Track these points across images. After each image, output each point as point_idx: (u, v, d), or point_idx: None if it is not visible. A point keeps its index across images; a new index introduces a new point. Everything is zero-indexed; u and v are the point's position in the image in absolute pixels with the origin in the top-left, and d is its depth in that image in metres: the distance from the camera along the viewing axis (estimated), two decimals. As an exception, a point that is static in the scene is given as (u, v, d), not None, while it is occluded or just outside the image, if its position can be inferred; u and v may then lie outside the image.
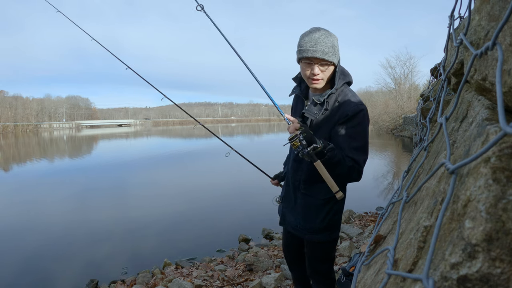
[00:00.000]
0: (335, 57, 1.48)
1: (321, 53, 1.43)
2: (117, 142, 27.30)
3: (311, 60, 1.46)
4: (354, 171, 1.46)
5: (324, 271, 1.75)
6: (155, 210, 6.23)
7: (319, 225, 1.61)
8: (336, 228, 1.67)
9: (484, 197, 0.37)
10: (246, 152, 2.29)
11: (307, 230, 1.64)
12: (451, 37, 0.97)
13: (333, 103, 1.52)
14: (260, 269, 3.27)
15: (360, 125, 1.48)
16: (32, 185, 9.05)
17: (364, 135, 1.50)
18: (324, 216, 1.60)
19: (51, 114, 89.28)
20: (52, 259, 4.11)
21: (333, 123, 1.50)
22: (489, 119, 0.54)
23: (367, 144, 1.51)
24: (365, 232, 4.21)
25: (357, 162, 1.46)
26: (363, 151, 1.49)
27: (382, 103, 36.46)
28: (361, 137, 1.49)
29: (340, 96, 1.52)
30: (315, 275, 1.79)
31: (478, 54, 0.47)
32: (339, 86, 1.52)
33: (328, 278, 1.77)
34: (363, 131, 1.50)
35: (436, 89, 2.06)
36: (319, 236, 1.64)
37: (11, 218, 5.93)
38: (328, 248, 1.70)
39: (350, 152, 1.46)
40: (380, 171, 9.93)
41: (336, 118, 1.49)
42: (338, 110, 1.50)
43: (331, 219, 1.62)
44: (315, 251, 1.72)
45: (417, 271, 0.51)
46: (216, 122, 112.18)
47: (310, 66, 1.48)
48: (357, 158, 1.46)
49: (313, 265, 1.76)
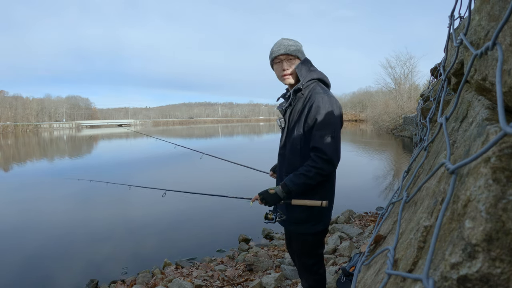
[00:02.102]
0: (299, 53, 1.67)
1: (284, 49, 1.64)
2: (117, 142, 27.31)
3: (279, 58, 1.66)
4: (320, 174, 1.52)
5: (310, 266, 1.75)
6: (155, 210, 6.23)
7: (300, 215, 1.65)
8: (319, 220, 1.67)
9: (484, 197, 0.37)
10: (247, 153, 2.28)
11: (291, 221, 1.69)
12: (451, 37, 0.97)
13: (302, 96, 1.64)
14: (260, 269, 3.27)
15: (324, 115, 1.54)
16: (32, 185, 9.05)
17: (327, 123, 1.54)
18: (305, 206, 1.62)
19: (51, 114, 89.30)
20: (52, 259, 4.11)
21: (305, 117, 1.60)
22: (489, 119, 0.54)
23: (333, 131, 1.54)
24: (365, 232, 4.21)
25: (322, 152, 1.50)
26: (327, 139, 1.52)
27: (382, 103, 36.44)
28: (325, 126, 1.53)
29: (307, 90, 1.64)
30: (303, 271, 1.79)
31: (478, 54, 0.47)
32: (305, 81, 1.63)
33: (315, 273, 1.76)
34: (326, 120, 1.54)
35: (436, 89, 2.06)
36: (302, 228, 1.67)
37: (11, 218, 5.93)
38: (313, 241, 1.71)
39: (315, 143, 1.53)
40: (380, 171, 9.93)
41: (304, 112, 1.61)
42: (306, 103, 1.61)
43: (312, 210, 1.64)
44: (300, 244, 1.74)
45: (417, 271, 0.51)
46: (216, 122, 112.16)
47: (279, 65, 1.68)
48: (322, 147, 1.50)
49: (300, 260, 1.77)
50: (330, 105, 1.55)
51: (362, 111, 68.56)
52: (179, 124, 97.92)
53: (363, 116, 63.98)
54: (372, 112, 40.00)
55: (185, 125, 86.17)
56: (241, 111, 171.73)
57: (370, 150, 16.23)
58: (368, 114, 44.54)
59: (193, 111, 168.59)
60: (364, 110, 63.67)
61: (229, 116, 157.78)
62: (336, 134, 1.54)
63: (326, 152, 1.50)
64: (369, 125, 37.85)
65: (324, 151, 1.50)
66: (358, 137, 25.67)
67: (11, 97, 78.32)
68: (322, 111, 1.54)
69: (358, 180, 8.43)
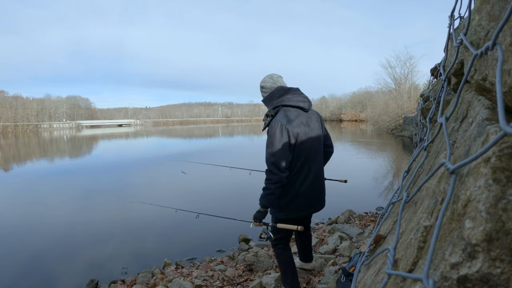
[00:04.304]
0: (262, 91, 2.29)
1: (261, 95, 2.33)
2: (117, 142, 27.31)
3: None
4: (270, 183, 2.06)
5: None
6: (155, 210, 6.23)
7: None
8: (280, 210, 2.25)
9: (484, 197, 0.37)
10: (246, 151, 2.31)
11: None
12: (451, 37, 0.97)
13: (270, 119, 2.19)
14: (260, 269, 3.27)
15: (268, 137, 2.08)
16: (32, 185, 9.05)
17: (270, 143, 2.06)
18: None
19: (51, 114, 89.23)
20: (52, 259, 4.11)
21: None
22: (489, 119, 0.54)
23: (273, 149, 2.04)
24: (365, 232, 4.21)
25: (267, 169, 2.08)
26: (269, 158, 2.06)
27: (382, 103, 36.43)
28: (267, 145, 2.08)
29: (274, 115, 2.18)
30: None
31: (478, 54, 0.47)
32: (270, 110, 2.20)
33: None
34: (269, 141, 2.07)
35: (436, 89, 2.06)
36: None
37: (11, 218, 5.93)
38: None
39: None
40: (380, 171, 9.93)
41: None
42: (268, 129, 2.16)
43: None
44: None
45: (417, 271, 0.51)
46: (216, 122, 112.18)
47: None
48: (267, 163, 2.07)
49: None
50: (275, 125, 2.05)
51: (362, 111, 68.55)
52: (179, 124, 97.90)
53: (363, 116, 63.98)
54: (372, 112, 39.99)
55: (185, 125, 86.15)
56: (241, 111, 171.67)
57: (370, 150, 16.22)
58: (368, 114, 44.53)
59: (193, 111, 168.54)
60: (364, 110, 63.65)
61: (229, 116, 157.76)
62: (276, 147, 2.03)
63: (267, 165, 2.06)
64: (369, 125, 37.82)
65: (267, 164, 2.06)
66: (358, 137, 25.67)
67: (11, 97, 78.23)
68: (269, 133, 2.07)
69: (358, 180, 8.43)
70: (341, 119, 79.08)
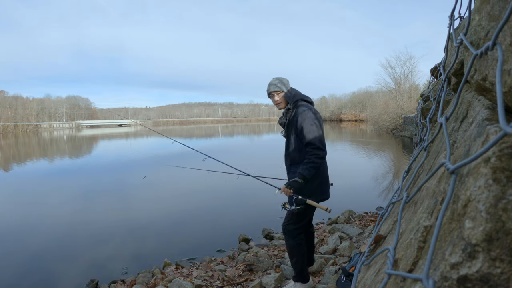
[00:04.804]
0: (283, 86, 2.46)
1: (272, 88, 2.47)
2: (117, 142, 27.31)
3: (270, 94, 2.50)
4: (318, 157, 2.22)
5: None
6: (155, 210, 6.23)
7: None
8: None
9: (484, 197, 0.37)
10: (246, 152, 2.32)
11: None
12: (451, 37, 0.97)
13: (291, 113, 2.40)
14: (260, 269, 3.26)
15: (306, 120, 2.27)
16: (32, 185, 9.05)
17: (309, 124, 2.25)
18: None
19: (51, 114, 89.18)
20: (52, 259, 4.11)
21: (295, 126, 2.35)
22: (489, 119, 0.54)
23: (315, 131, 2.25)
24: (365, 232, 4.21)
25: (312, 144, 2.23)
26: (313, 138, 2.24)
27: (382, 103, 36.43)
28: (308, 127, 2.25)
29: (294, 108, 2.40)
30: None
31: (478, 54, 0.47)
32: (291, 103, 2.40)
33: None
34: (308, 123, 2.26)
35: (436, 89, 2.06)
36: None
37: (11, 218, 5.93)
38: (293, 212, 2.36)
39: (306, 140, 2.26)
40: (380, 171, 9.93)
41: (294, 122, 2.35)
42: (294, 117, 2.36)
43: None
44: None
45: (417, 271, 0.51)
46: (216, 122, 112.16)
47: (272, 98, 2.50)
48: (311, 141, 2.23)
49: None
50: (308, 113, 2.28)
51: (362, 111, 68.56)
52: (179, 124, 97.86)
53: (363, 116, 63.97)
54: (372, 112, 39.99)
55: (185, 125, 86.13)
56: (241, 111, 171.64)
57: (370, 150, 16.22)
58: (368, 114, 44.53)
59: (193, 111, 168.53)
60: (364, 110, 63.66)
61: (229, 116, 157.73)
62: (317, 130, 2.24)
63: (315, 142, 2.23)
64: (369, 125, 37.81)
65: (313, 143, 2.22)
66: (358, 137, 25.67)
67: (11, 97, 78.18)
68: (304, 119, 2.27)
69: (358, 180, 8.43)
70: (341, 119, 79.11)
